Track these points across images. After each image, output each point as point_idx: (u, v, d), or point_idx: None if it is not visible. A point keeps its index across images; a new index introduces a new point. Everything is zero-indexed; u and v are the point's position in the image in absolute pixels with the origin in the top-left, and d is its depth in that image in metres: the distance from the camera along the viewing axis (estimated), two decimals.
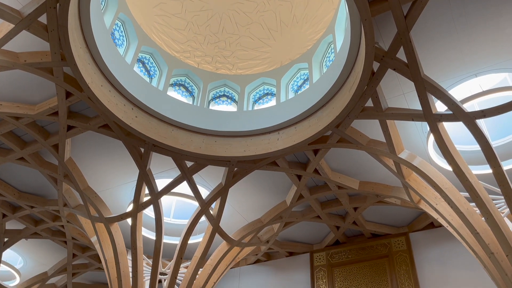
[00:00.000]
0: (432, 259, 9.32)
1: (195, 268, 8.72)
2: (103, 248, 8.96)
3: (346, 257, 10.23)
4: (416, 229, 9.74)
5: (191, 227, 8.55)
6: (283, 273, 10.99)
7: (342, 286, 9.86)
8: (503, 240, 5.67)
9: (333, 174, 8.26)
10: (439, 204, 6.96)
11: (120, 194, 9.11)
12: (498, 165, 5.61)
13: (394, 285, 9.27)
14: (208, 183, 8.68)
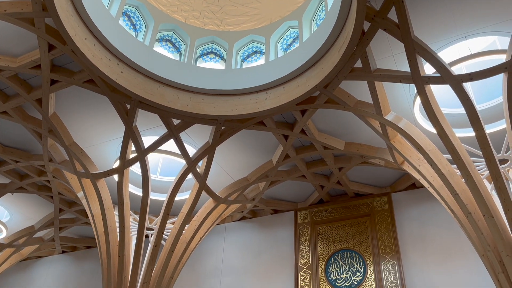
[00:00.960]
0: (412, 218, 9.65)
1: (181, 224, 8.88)
2: (90, 203, 9.02)
3: (329, 215, 10.52)
4: (398, 189, 10.01)
5: (177, 184, 8.62)
6: (268, 230, 11.28)
7: (324, 243, 10.20)
8: (481, 201, 5.86)
9: (319, 135, 8.33)
10: (422, 165, 7.12)
11: (106, 150, 9.08)
12: (481, 128, 5.71)
13: (374, 243, 9.61)
14: (195, 141, 8.69)
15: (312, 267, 9.97)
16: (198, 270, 11.50)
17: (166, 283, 8.64)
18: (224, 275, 11.06)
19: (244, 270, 10.93)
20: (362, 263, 9.52)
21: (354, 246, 9.82)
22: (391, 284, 8.95)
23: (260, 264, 10.83)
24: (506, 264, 5.62)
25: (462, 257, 8.68)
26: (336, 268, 9.74)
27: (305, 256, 10.21)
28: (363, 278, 9.34)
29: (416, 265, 9.04)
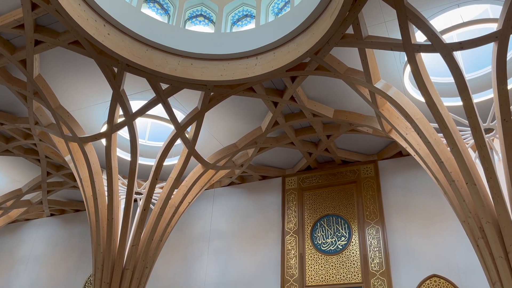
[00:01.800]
0: (397, 186, 9.85)
1: (170, 188, 8.94)
2: (78, 167, 9.00)
3: (317, 181, 10.67)
4: (385, 157, 10.16)
5: (166, 149, 8.62)
6: (256, 195, 11.43)
7: (311, 209, 10.40)
8: (465, 169, 5.98)
9: (309, 102, 8.32)
10: (409, 133, 7.19)
11: (93, 114, 8.97)
12: (469, 97, 5.75)
13: (359, 209, 9.83)
14: (184, 106, 8.62)
15: (298, 231, 10.20)
16: (186, 233, 11.69)
17: (155, 246, 8.78)
18: (212, 239, 11.27)
19: (232, 234, 11.14)
20: (347, 228, 9.77)
21: (340, 212, 10.03)
22: (375, 248, 9.23)
23: (247, 228, 11.04)
24: (485, 230, 5.81)
25: (444, 223, 8.95)
26: (322, 232, 9.98)
27: (292, 221, 10.42)
28: (347, 242, 9.61)
29: (399, 230, 9.31)
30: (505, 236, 5.61)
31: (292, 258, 9.92)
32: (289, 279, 9.72)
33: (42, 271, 13.24)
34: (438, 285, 8.45)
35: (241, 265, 10.58)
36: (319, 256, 9.71)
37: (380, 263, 9.03)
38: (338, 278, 9.29)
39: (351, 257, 9.40)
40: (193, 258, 11.24)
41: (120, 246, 8.40)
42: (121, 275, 8.27)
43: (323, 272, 9.50)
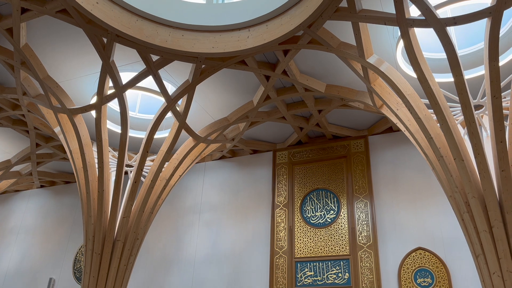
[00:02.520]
0: (386, 161, 9.97)
1: (161, 161, 8.93)
2: (67, 139, 8.93)
3: (307, 156, 10.75)
4: (375, 132, 10.24)
5: (157, 122, 8.56)
6: (247, 169, 11.50)
7: (301, 183, 10.50)
8: (454, 145, 6.05)
9: (301, 76, 8.28)
10: (400, 109, 7.22)
11: (82, 85, 8.84)
12: (460, 74, 5.76)
13: (349, 183, 9.96)
14: (175, 79, 8.52)
15: (288, 205, 10.33)
16: (177, 206, 11.78)
17: (145, 218, 8.85)
18: (203, 212, 11.38)
19: (222, 207, 11.25)
20: (336, 202, 9.91)
21: (329, 186, 10.15)
22: (363, 222, 9.41)
23: (238, 202, 11.15)
24: (471, 204, 5.93)
25: (431, 198, 9.13)
26: (311, 206, 10.12)
27: (282, 194, 10.53)
28: (336, 216, 9.77)
29: (387, 205, 9.48)
30: (490, 210, 5.74)
31: (282, 231, 10.08)
32: (278, 251, 9.90)
33: (33, 242, 13.32)
34: (423, 258, 8.68)
35: (231, 237, 10.74)
36: (308, 229, 9.88)
37: (368, 236, 9.22)
38: (326, 250, 9.49)
39: (340, 230, 9.58)
40: (183, 230, 11.37)
41: (111, 217, 8.44)
42: (112, 246, 8.35)
43: (311, 245, 9.68)
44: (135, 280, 10.93)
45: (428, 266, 8.56)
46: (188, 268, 10.78)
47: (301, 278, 9.46)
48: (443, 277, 8.37)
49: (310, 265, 9.49)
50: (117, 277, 8.22)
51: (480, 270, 5.87)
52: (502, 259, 5.53)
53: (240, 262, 10.35)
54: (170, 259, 11.11)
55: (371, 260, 8.97)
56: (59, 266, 12.47)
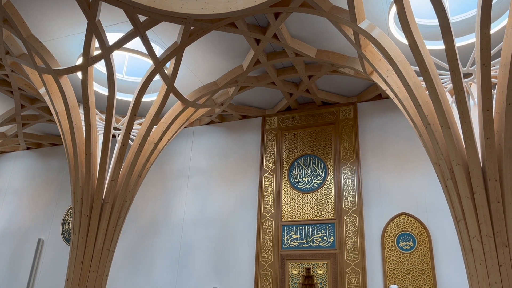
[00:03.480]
0: (374, 128, 10.04)
1: (149, 125, 8.87)
2: (53, 100, 8.78)
3: (296, 122, 10.76)
4: (364, 99, 10.25)
5: (144, 85, 8.44)
6: (236, 134, 11.50)
7: (289, 148, 10.57)
8: (441, 112, 6.10)
9: (292, 41, 8.16)
10: (390, 76, 7.21)
11: (67, 46, 8.61)
12: (451, 41, 5.73)
13: (336, 149, 10.05)
14: (163, 40, 8.34)
15: (276, 170, 10.43)
16: (166, 170, 11.81)
17: (134, 181, 8.87)
18: (192, 176, 11.44)
19: (211, 171, 11.32)
20: (324, 168, 10.03)
21: (317, 152, 10.24)
22: (349, 187, 9.57)
23: (226, 166, 11.21)
24: (455, 171, 6.05)
25: (417, 164, 9.28)
26: (299, 171, 10.24)
27: (270, 160, 10.61)
28: (323, 181, 9.91)
29: (373, 171, 9.63)
30: (473, 177, 5.87)
31: (269, 195, 10.22)
32: (265, 214, 10.07)
33: (20, 203, 13.32)
34: (406, 222, 8.92)
35: (220, 201, 10.87)
36: (295, 194, 10.03)
37: (353, 201, 9.41)
38: (312, 215, 9.68)
39: (326, 195, 9.74)
40: (172, 194, 11.46)
41: (99, 180, 8.45)
42: (101, 208, 8.40)
43: (298, 209, 9.86)
44: (124, 241, 11.09)
45: (411, 231, 8.82)
46: (176, 231, 10.95)
47: (287, 241, 9.68)
48: (424, 241, 8.64)
49: (296, 229, 9.70)
50: (105, 238, 8.32)
51: (460, 234, 6.06)
52: (482, 224, 5.71)
53: (228, 225, 10.53)
54: (159, 222, 11.25)
55: (356, 224, 9.20)
56: (48, 227, 12.55)
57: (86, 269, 7.98)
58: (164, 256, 10.81)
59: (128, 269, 11.01)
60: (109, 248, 8.33)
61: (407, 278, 8.51)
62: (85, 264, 8.00)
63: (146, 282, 10.70)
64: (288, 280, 9.33)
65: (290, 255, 9.53)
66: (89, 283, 7.92)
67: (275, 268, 9.50)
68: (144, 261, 10.96)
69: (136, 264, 11.01)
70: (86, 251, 8.09)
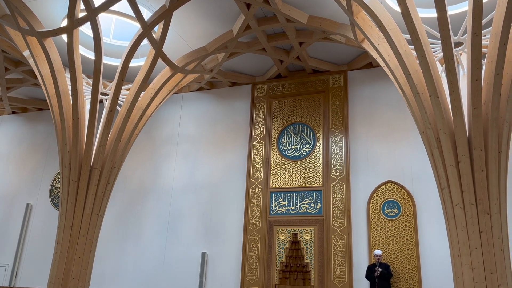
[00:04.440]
0: (364, 96, 10.05)
1: (137, 90, 8.74)
2: (38, 64, 8.57)
3: (286, 90, 10.71)
4: (355, 67, 10.21)
5: (132, 49, 8.26)
6: (225, 101, 11.42)
7: (278, 116, 10.56)
8: (431, 82, 6.11)
9: (283, 6, 7.99)
10: (381, 44, 7.15)
11: (52, 7, 8.32)
12: (444, 9, 5.66)
13: (326, 118, 10.08)
14: (151, 3, 8.11)
15: (265, 138, 10.45)
16: (155, 136, 11.77)
17: (122, 147, 8.82)
18: (181, 143, 11.42)
19: (200, 138, 11.30)
20: (312, 136, 10.08)
21: (306, 120, 10.26)
22: (337, 155, 9.66)
23: (216, 133, 11.20)
24: (442, 140, 6.12)
25: (404, 133, 9.38)
26: (288, 139, 10.28)
27: (260, 127, 10.61)
28: (311, 149, 9.98)
29: (361, 139, 9.71)
30: (459, 146, 5.96)
31: (258, 163, 10.29)
32: (254, 181, 10.17)
33: (8, 168, 13.23)
34: (392, 190, 9.10)
35: (209, 168, 10.92)
36: (284, 162, 10.11)
37: (341, 169, 9.53)
38: (300, 182, 9.80)
39: (314, 163, 9.84)
40: (161, 160, 11.46)
41: (87, 146, 8.38)
42: (89, 174, 8.38)
43: (286, 176, 9.96)
44: (113, 207, 11.15)
45: (396, 198, 9.00)
46: (165, 197, 11.03)
47: (275, 207, 9.83)
48: (409, 208, 8.85)
49: (284, 195, 9.84)
50: (94, 204, 8.35)
51: (444, 202, 6.21)
52: (465, 192, 5.84)
53: (216, 192, 10.62)
54: (148, 188, 11.30)
55: (343, 191, 9.35)
56: (36, 192, 12.53)
57: (76, 234, 8.04)
58: (153, 222, 10.92)
59: (118, 234, 11.13)
60: (98, 213, 8.38)
61: (391, 244, 8.75)
62: (74, 228, 8.06)
63: (136, 246, 10.85)
64: (275, 245, 9.54)
65: (277, 221, 9.70)
66: (79, 247, 8.00)
67: (263, 234, 9.68)
68: (133, 226, 11.08)
69: (125, 229, 11.12)
70: (75, 216, 8.13)
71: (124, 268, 10.76)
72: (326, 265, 8.99)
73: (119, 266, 10.81)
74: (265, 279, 9.35)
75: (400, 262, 8.58)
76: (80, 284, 7.88)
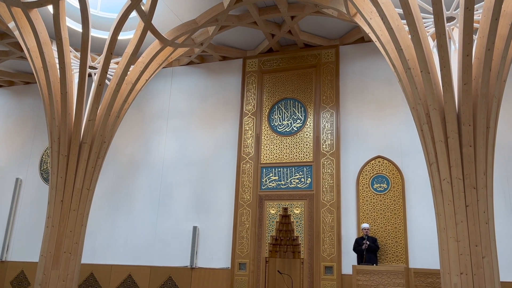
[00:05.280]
0: (355, 72, 10.03)
1: (126, 64, 8.59)
2: (24, 36, 8.36)
3: (277, 65, 10.63)
4: (346, 42, 10.14)
5: (120, 21, 8.09)
6: (216, 76, 11.32)
7: (270, 92, 10.51)
8: (422, 57, 6.09)
9: None
10: (373, 18, 7.08)
11: None
12: None
13: (317, 93, 10.06)
14: None
15: (256, 113, 10.43)
16: (145, 111, 11.67)
17: (112, 121, 8.74)
18: (171, 118, 11.35)
19: (190, 113, 11.24)
20: (303, 112, 10.08)
21: (297, 95, 10.23)
22: (327, 131, 9.70)
23: (206, 109, 11.14)
24: (431, 116, 6.16)
25: (394, 109, 9.43)
26: (279, 115, 10.27)
27: (251, 103, 10.56)
28: (302, 125, 10.00)
29: (352, 115, 9.74)
30: (448, 122, 6.00)
31: (249, 138, 10.30)
32: (245, 157, 10.20)
33: None
34: (382, 165, 9.20)
35: (200, 143, 10.91)
36: (275, 137, 10.13)
37: (331, 145, 9.58)
38: (291, 157, 9.86)
39: (305, 139, 9.87)
40: (152, 135, 11.41)
41: (76, 120, 8.29)
42: (79, 149, 8.32)
43: (277, 152, 10.00)
44: (104, 181, 11.14)
45: (385, 173, 9.12)
46: (156, 171, 11.03)
47: (265, 182, 9.90)
48: (397, 183, 8.98)
49: (275, 171, 9.90)
50: (85, 178, 8.31)
51: (432, 177, 6.29)
52: (453, 167, 5.92)
53: (207, 167, 10.65)
54: (138, 163, 11.29)
55: (333, 166, 9.43)
56: (25, 166, 12.46)
57: (66, 208, 8.04)
58: (144, 196, 10.96)
59: (109, 208, 11.17)
60: (88, 187, 8.36)
61: (379, 218, 8.92)
62: (65, 203, 8.05)
63: (127, 220, 10.92)
64: (266, 219, 9.66)
65: (268, 195, 9.79)
66: (70, 221, 8.02)
67: (253, 208, 9.78)
68: (124, 200, 11.11)
69: (116, 203, 11.16)
70: (65, 191, 8.11)
71: (116, 242, 10.85)
72: (315, 239, 9.15)
73: (110, 240, 10.90)
74: (256, 252, 9.51)
75: (388, 235, 8.76)
76: (72, 258, 7.94)
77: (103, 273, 10.68)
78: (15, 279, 11.52)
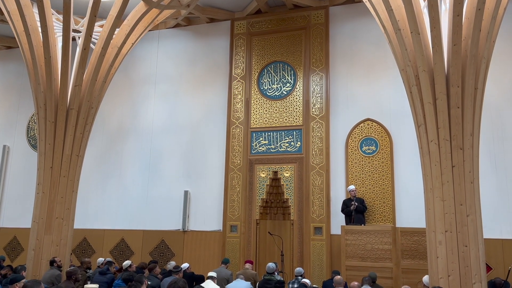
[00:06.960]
0: (345, 34, 9.90)
1: (111, 27, 8.36)
2: None
3: (266, 27, 10.43)
4: (336, 3, 9.95)
5: None
6: (203, 39, 11.10)
7: (259, 55, 10.37)
8: (412, 18, 6.02)
9: None
10: None
11: None
12: None
13: (306, 56, 9.95)
14: None
15: (245, 77, 10.33)
16: (131, 76, 11.48)
17: (99, 86, 8.59)
18: (159, 82, 11.20)
19: (178, 78, 11.09)
20: (293, 75, 10.00)
21: (287, 58, 10.12)
22: (317, 94, 9.68)
23: (194, 73, 10.99)
24: (420, 78, 6.16)
25: (384, 72, 9.40)
26: (268, 79, 10.18)
27: (240, 66, 10.44)
28: (292, 88, 9.95)
29: (342, 78, 9.70)
30: (437, 84, 6.01)
31: (239, 103, 10.24)
32: (234, 121, 10.18)
33: None
34: (371, 128, 9.27)
35: (189, 108, 10.83)
36: (264, 101, 10.09)
37: (321, 108, 9.58)
38: (280, 121, 9.86)
39: (294, 102, 9.85)
40: (140, 100, 11.28)
41: (61, 85, 8.12)
42: (66, 115, 8.20)
43: (267, 116, 9.99)
44: (93, 147, 11.06)
45: (374, 136, 9.20)
46: (145, 137, 10.99)
47: (255, 146, 9.94)
48: (386, 145, 9.08)
49: (265, 135, 9.92)
50: (74, 144, 8.25)
51: (419, 138, 6.37)
52: (441, 128, 5.99)
53: (197, 132, 10.63)
54: (127, 129, 11.22)
55: (322, 130, 9.48)
56: (12, 134, 12.30)
57: (56, 174, 8.02)
58: (134, 161, 10.96)
59: (100, 174, 11.18)
60: (78, 154, 8.31)
61: (367, 179, 9.07)
62: (54, 169, 8.02)
63: (118, 185, 10.96)
64: (256, 183, 9.76)
65: (258, 159, 9.86)
66: (61, 187, 8.02)
67: (244, 172, 9.86)
68: (114, 166, 11.11)
69: (107, 169, 11.16)
70: (54, 157, 8.06)
71: (108, 207, 10.93)
72: (305, 201, 9.31)
73: (103, 205, 10.98)
74: (247, 215, 9.67)
75: (376, 196, 8.95)
76: (65, 223, 8.00)
77: (96, 238, 10.82)
78: (8, 244, 11.63)
